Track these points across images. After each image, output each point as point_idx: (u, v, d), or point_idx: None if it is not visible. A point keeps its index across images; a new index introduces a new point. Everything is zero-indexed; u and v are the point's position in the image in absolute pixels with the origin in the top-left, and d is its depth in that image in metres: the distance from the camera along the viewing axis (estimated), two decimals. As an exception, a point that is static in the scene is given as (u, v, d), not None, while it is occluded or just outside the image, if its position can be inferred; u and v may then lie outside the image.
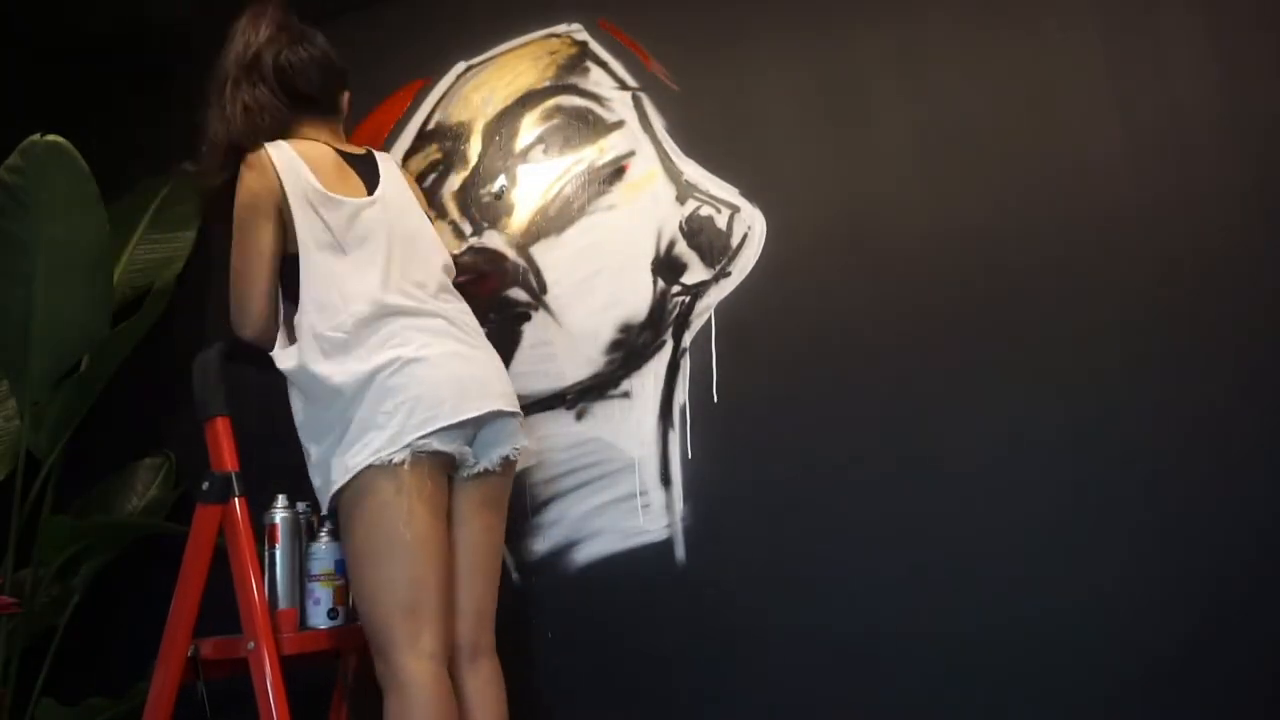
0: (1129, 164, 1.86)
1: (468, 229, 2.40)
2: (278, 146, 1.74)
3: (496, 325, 2.32)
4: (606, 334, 2.18)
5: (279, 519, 1.78)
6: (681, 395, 2.09)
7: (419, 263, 1.78)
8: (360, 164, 1.84)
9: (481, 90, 2.46)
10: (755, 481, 2.00)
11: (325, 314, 1.66)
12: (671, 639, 2.00)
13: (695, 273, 2.14)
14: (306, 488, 1.74)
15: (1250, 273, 1.76)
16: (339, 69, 1.91)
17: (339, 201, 1.72)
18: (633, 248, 2.20)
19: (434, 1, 2.55)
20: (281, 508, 1.80)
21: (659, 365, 2.13)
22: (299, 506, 1.81)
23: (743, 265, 2.10)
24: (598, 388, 2.18)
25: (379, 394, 1.61)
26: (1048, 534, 1.80)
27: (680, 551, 2.02)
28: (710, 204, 2.16)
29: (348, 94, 1.95)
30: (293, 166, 1.71)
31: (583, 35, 2.38)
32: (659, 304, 2.15)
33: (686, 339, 2.11)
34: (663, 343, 2.13)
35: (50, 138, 2.06)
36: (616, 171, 2.27)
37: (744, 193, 2.14)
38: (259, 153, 1.72)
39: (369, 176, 1.82)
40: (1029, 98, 1.95)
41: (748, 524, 1.98)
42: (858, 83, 2.09)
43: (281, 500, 1.81)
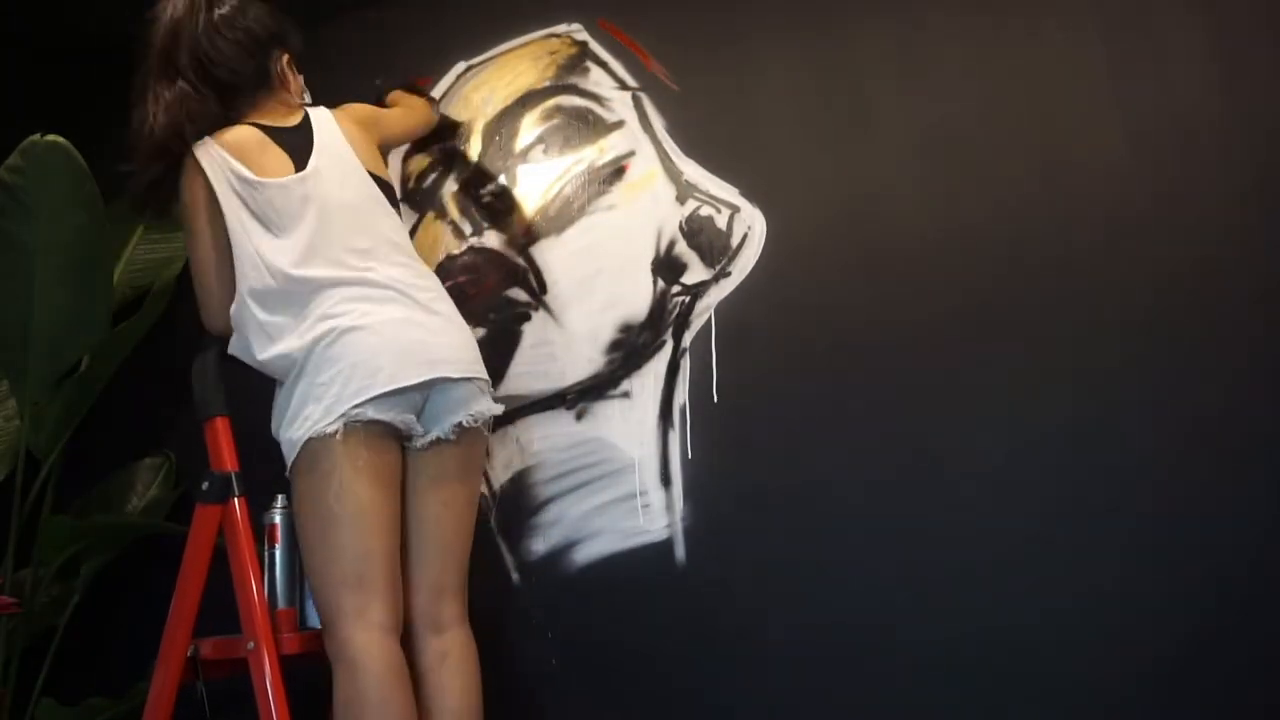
0: (1129, 164, 1.86)
1: (468, 229, 2.40)
2: (203, 145, 1.72)
3: (496, 325, 2.32)
4: (606, 334, 2.18)
5: (279, 519, 1.78)
6: (681, 395, 2.08)
7: (359, 230, 1.73)
8: (291, 136, 1.78)
9: (481, 90, 2.46)
10: (755, 481, 2.00)
11: (259, 299, 1.66)
12: (671, 639, 1.99)
13: (695, 273, 2.14)
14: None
15: (1250, 273, 1.76)
16: (267, 38, 1.83)
17: (261, 184, 1.69)
18: (633, 248, 2.20)
19: (434, 1, 2.55)
20: (281, 508, 1.80)
21: (659, 365, 2.13)
22: None
23: (743, 265, 2.10)
24: (598, 388, 2.18)
25: (316, 366, 1.60)
26: (1049, 533, 1.80)
27: (680, 551, 2.02)
28: (710, 204, 2.16)
29: (285, 56, 1.87)
30: (218, 161, 1.70)
31: (583, 35, 2.38)
32: (659, 304, 2.15)
33: (686, 339, 2.11)
34: (663, 343, 2.13)
35: (50, 138, 2.06)
36: (616, 171, 2.27)
37: (744, 193, 2.14)
38: (187, 159, 1.72)
39: (301, 149, 1.77)
40: (1029, 98, 1.95)
41: (748, 524, 1.98)
42: (858, 83, 2.09)
43: (281, 500, 1.81)
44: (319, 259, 1.67)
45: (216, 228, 1.71)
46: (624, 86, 2.31)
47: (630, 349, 2.15)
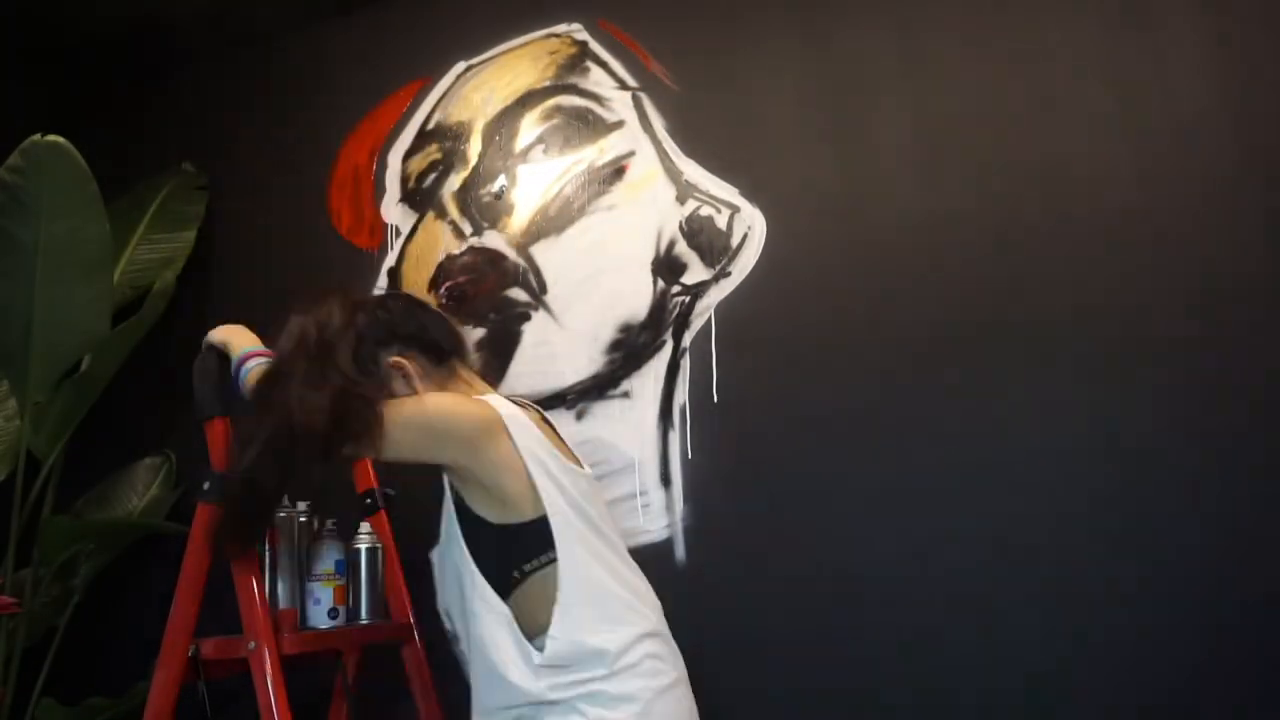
0: (1129, 164, 1.86)
1: (468, 229, 2.40)
2: (492, 395, 1.57)
3: (497, 325, 2.32)
4: (606, 334, 2.18)
5: (279, 519, 1.78)
6: (681, 395, 2.08)
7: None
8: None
9: (481, 90, 2.46)
10: (755, 481, 2.00)
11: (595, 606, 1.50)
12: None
13: (695, 273, 2.14)
14: (307, 489, 1.74)
15: (1251, 273, 1.76)
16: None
17: (573, 471, 1.58)
18: (633, 248, 2.20)
19: (434, 1, 2.55)
20: (281, 508, 1.79)
21: (659, 365, 2.13)
22: (298, 506, 1.80)
23: (743, 265, 2.10)
24: (598, 388, 2.18)
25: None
26: (1048, 533, 1.80)
27: (680, 551, 2.02)
28: (710, 204, 2.16)
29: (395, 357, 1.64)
30: (516, 418, 1.52)
31: (583, 35, 2.38)
32: (659, 304, 2.15)
33: (686, 339, 2.11)
34: (663, 343, 2.13)
35: (50, 138, 2.06)
36: (616, 171, 2.27)
37: (744, 193, 2.14)
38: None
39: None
40: (1029, 98, 1.95)
41: (748, 524, 1.98)
42: (858, 83, 2.09)
43: (300, 505, 1.80)
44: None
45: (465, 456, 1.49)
46: (624, 86, 2.31)
47: (630, 349, 2.15)
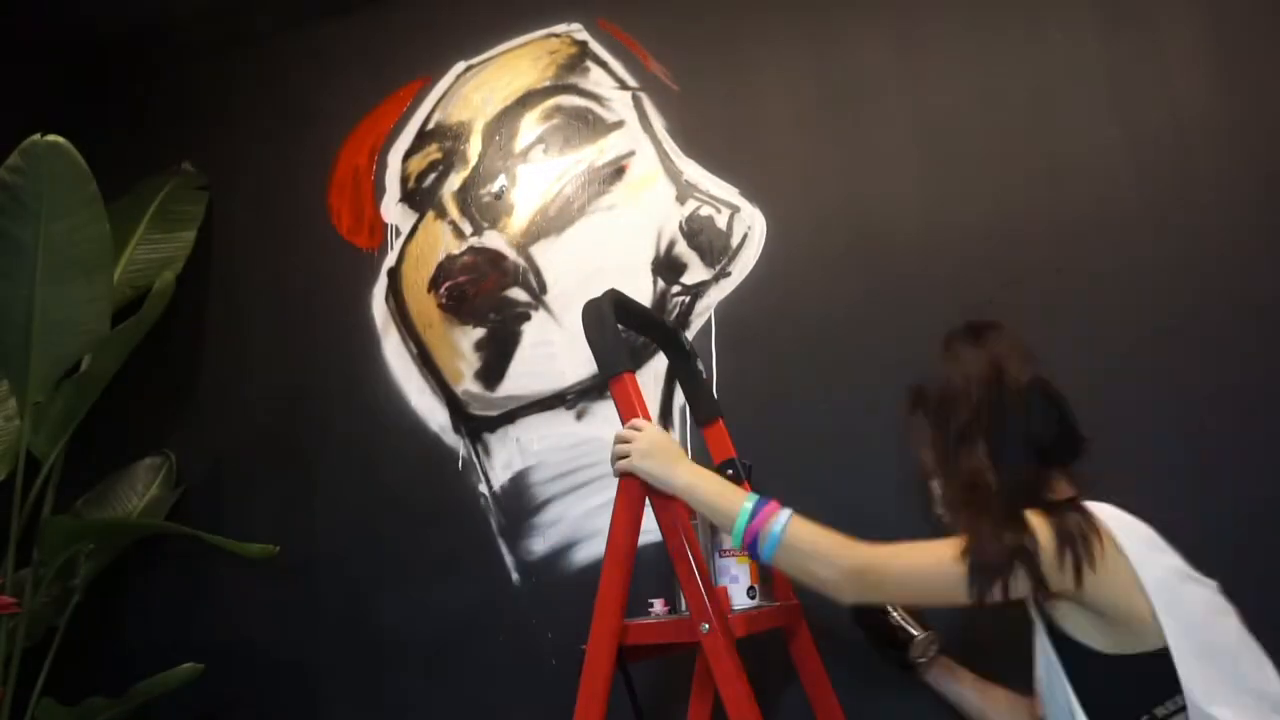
0: (1129, 164, 1.86)
1: (468, 229, 2.40)
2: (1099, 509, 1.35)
3: (496, 325, 2.32)
4: (606, 334, 2.18)
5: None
6: (681, 395, 2.08)
7: None
8: None
9: (481, 90, 2.46)
10: (755, 481, 1.99)
11: None
12: (671, 639, 1.99)
13: (695, 273, 2.14)
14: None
15: (1251, 273, 1.76)
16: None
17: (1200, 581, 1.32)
18: (633, 248, 2.20)
19: (434, 1, 2.55)
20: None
21: (659, 365, 2.13)
22: None
23: (743, 265, 2.10)
24: (598, 388, 2.18)
25: None
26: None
27: (680, 551, 2.02)
28: (710, 204, 2.16)
29: None
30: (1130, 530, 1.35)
31: (583, 35, 2.38)
32: (659, 304, 2.15)
33: (687, 339, 2.11)
34: (663, 343, 2.12)
35: (50, 138, 2.06)
36: (616, 171, 2.27)
37: (744, 193, 2.14)
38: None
39: None
40: (1029, 98, 1.95)
41: (748, 524, 1.98)
42: (858, 83, 2.09)
43: None
44: None
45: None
46: (624, 86, 2.31)
47: (630, 349, 2.15)
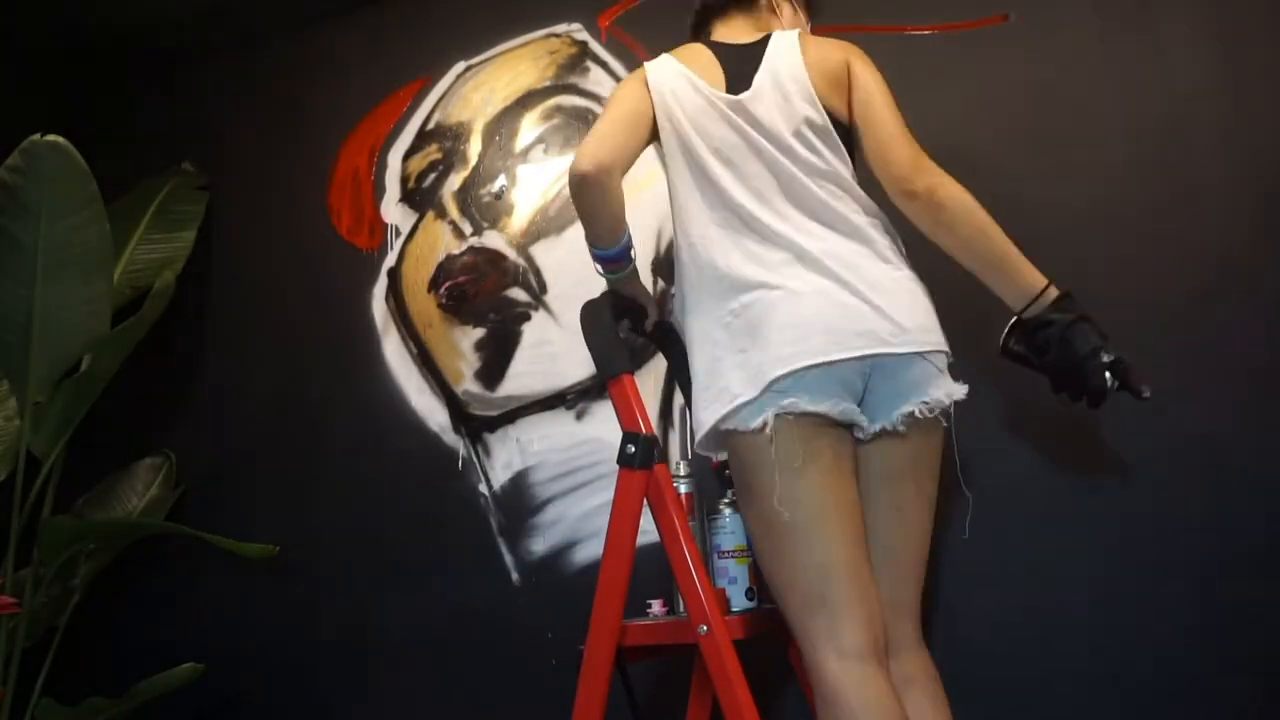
0: (1129, 164, 1.86)
1: (468, 229, 2.40)
2: (660, 62, 1.57)
3: (496, 325, 2.32)
4: (606, 334, 2.18)
5: (688, 487, 1.60)
6: (681, 396, 2.08)
7: (789, 171, 1.49)
8: (739, 55, 1.56)
9: (481, 90, 2.46)
10: (755, 481, 1.99)
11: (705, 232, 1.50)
12: (671, 639, 1.99)
13: (695, 273, 2.13)
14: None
15: (1250, 273, 1.75)
16: None
17: (714, 97, 1.51)
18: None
19: (434, 1, 2.55)
20: (685, 475, 1.62)
21: (659, 365, 2.13)
22: (681, 470, 1.67)
23: (743, 265, 2.09)
24: (598, 388, 2.18)
25: (740, 328, 1.41)
26: (1049, 533, 1.80)
27: (680, 551, 2.02)
28: (710, 204, 2.15)
29: None
30: (670, 72, 1.55)
31: (583, 35, 2.38)
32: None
33: (686, 339, 2.10)
34: (663, 343, 2.12)
35: (50, 138, 2.06)
36: (616, 171, 2.26)
37: (744, 193, 2.13)
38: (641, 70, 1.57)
39: (745, 71, 1.53)
40: (1029, 98, 1.95)
41: (748, 524, 1.98)
42: (858, 83, 2.08)
43: (684, 467, 1.67)
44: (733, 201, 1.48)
45: (641, 122, 1.53)
46: (624, 86, 2.31)
47: (630, 349, 2.15)
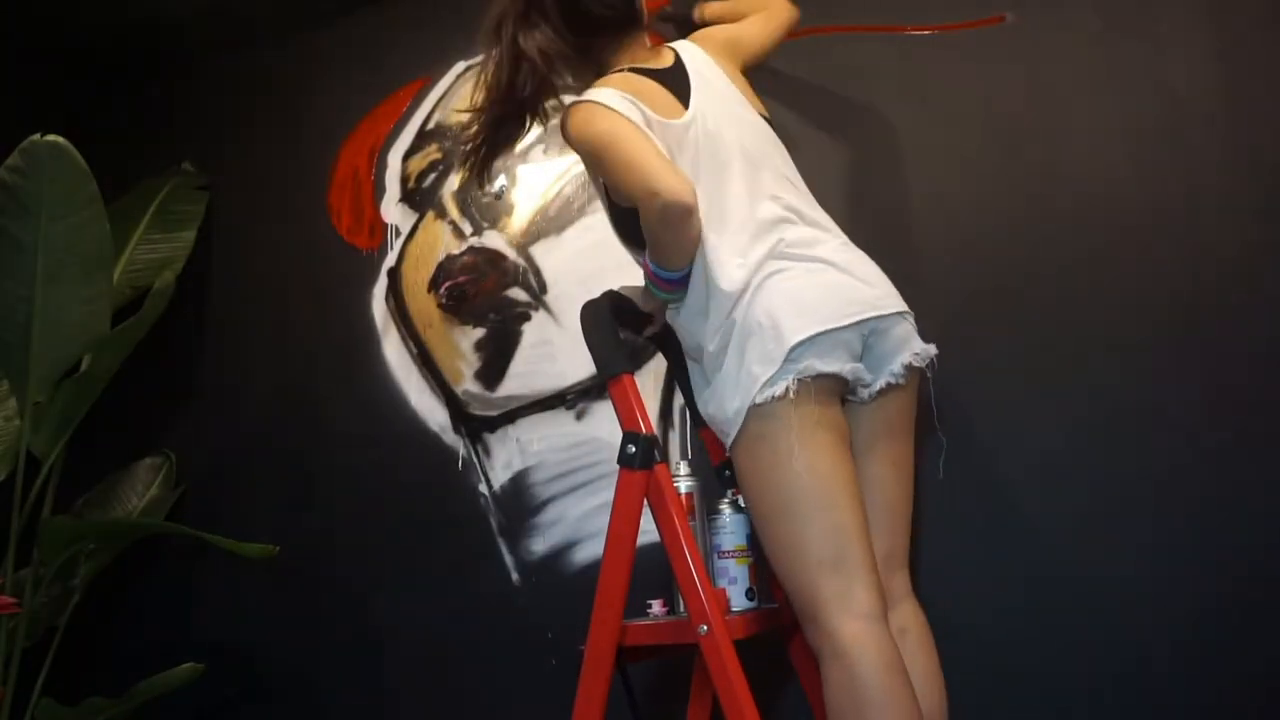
0: (1129, 164, 1.86)
1: (468, 229, 2.40)
2: (600, 90, 1.52)
3: (496, 325, 2.32)
4: (606, 334, 2.18)
5: (688, 487, 1.62)
6: (681, 396, 2.08)
7: (761, 170, 1.58)
8: (671, 78, 1.58)
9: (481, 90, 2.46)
10: (755, 481, 1.99)
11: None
12: (671, 639, 1.99)
13: (695, 273, 2.13)
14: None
15: (1250, 273, 1.75)
16: None
17: (667, 125, 1.52)
18: (633, 248, 2.19)
19: (434, 1, 2.55)
20: (686, 475, 1.64)
21: (659, 365, 2.13)
22: (682, 469, 1.68)
23: (743, 265, 2.09)
24: (598, 388, 2.18)
25: (752, 317, 1.46)
26: (1049, 533, 1.80)
27: (680, 551, 2.02)
28: (710, 204, 2.15)
29: None
30: (627, 103, 1.51)
31: (583, 35, 2.37)
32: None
33: (686, 339, 2.11)
34: (663, 343, 2.12)
35: (50, 138, 2.06)
36: (616, 171, 2.26)
37: (744, 193, 2.13)
38: (579, 105, 1.53)
39: (681, 90, 1.57)
40: (1029, 98, 1.95)
41: (748, 524, 1.98)
42: (857, 81, 2.08)
43: (684, 466, 1.68)
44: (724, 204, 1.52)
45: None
46: (624, 86, 2.30)
47: (630, 349, 2.15)
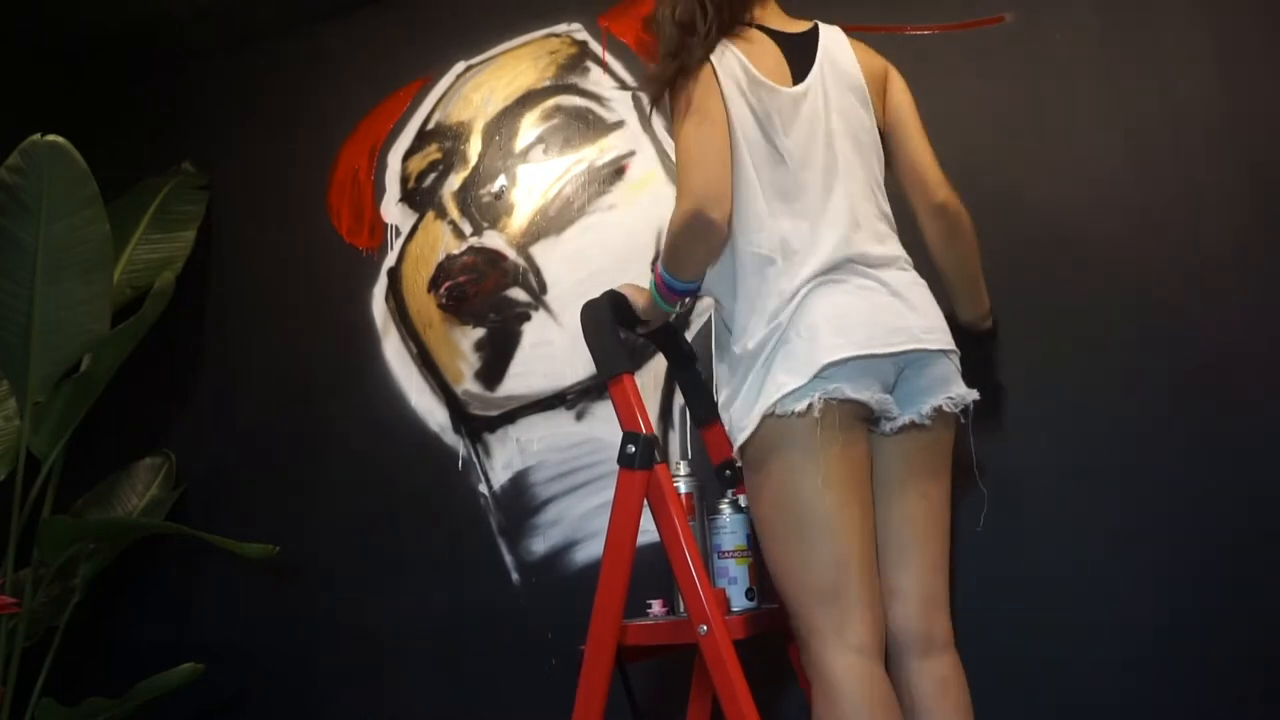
0: (1129, 164, 1.86)
1: (468, 229, 2.40)
2: (720, 46, 1.48)
3: (496, 325, 2.32)
4: (606, 334, 2.18)
5: (688, 486, 1.60)
6: (680, 396, 2.08)
7: (852, 168, 1.51)
8: (796, 44, 1.53)
9: (481, 90, 2.46)
10: (755, 481, 1.99)
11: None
12: (671, 639, 1.99)
13: (695, 273, 2.13)
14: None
15: (1250, 273, 1.75)
16: None
17: (773, 90, 1.47)
18: (633, 248, 2.20)
19: (434, 1, 2.55)
20: (686, 475, 1.63)
21: (659, 365, 2.13)
22: (682, 469, 1.67)
23: (743, 265, 2.09)
24: (598, 388, 2.18)
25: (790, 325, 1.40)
26: (1047, 535, 1.80)
27: (680, 551, 2.02)
28: (710, 204, 2.15)
29: None
30: (732, 63, 1.47)
31: (583, 35, 2.38)
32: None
33: (686, 340, 2.10)
34: (663, 343, 2.12)
35: (50, 138, 2.06)
36: (616, 171, 2.27)
37: (744, 193, 2.13)
38: (698, 59, 1.46)
39: (802, 60, 1.52)
40: (1029, 98, 1.95)
41: (748, 524, 1.98)
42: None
43: (684, 466, 1.67)
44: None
45: (727, 135, 1.45)
46: (624, 86, 2.31)
47: (630, 349, 2.15)
